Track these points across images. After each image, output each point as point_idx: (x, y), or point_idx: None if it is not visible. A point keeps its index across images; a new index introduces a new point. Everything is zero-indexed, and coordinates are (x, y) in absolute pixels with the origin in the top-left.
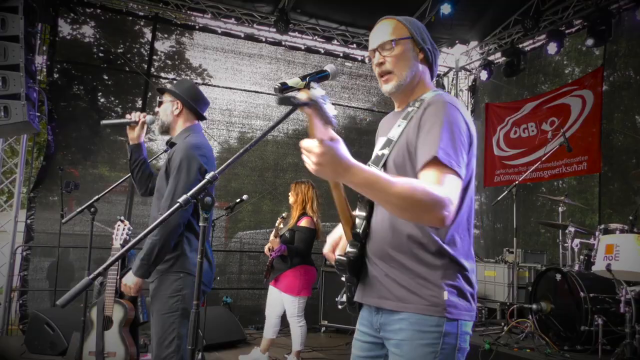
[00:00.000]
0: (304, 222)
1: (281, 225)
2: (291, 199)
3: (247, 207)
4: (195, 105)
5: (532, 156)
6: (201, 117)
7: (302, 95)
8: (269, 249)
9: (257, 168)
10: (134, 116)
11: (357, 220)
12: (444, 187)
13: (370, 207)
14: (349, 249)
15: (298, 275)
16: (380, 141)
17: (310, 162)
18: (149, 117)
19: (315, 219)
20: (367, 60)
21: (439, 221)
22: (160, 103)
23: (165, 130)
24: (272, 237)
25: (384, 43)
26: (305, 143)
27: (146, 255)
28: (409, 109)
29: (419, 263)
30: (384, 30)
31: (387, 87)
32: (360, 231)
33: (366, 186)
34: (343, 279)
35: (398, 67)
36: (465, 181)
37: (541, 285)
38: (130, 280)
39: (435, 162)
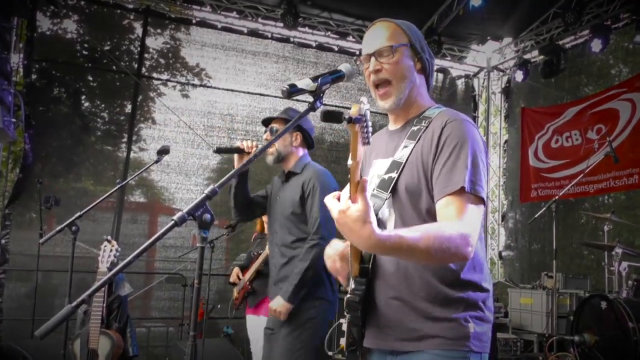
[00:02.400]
0: None
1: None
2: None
3: (252, 226)
4: (310, 135)
5: (576, 168)
6: (311, 147)
7: (353, 110)
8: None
9: (263, 181)
10: (246, 143)
11: (364, 253)
12: (466, 221)
13: None
14: (355, 286)
15: None
16: (380, 163)
17: (341, 228)
18: (268, 159)
19: None
20: (357, 64)
21: (462, 259)
22: (271, 130)
23: (280, 160)
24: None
25: (382, 49)
26: (340, 212)
27: (300, 281)
28: (414, 127)
29: (439, 298)
30: (380, 34)
31: (385, 104)
32: (370, 266)
33: (393, 252)
34: (343, 321)
35: (396, 77)
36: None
37: (584, 315)
38: (280, 304)
39: (460, 191)
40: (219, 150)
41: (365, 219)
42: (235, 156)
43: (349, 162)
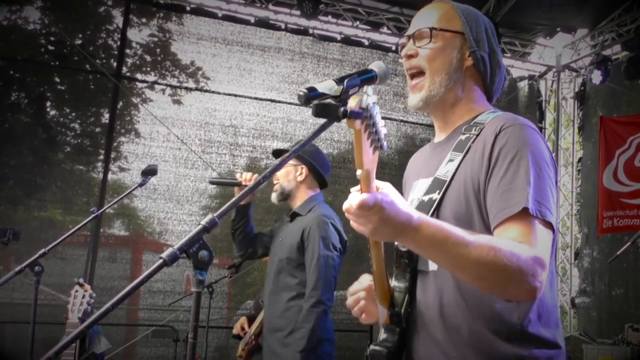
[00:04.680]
0: None
1: None
2: None
3: (260, 265)
4: (322, 171)
5: None
6: (324, 185)
7: (351, 103)
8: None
9: (273, 209)
10: (245, 177)
11: (396, 294)
12: (536, 248)
13: (412, 274)
14: (385, 336)
15: None
16: (420, 184)
17: (362, 227)
18: (272, 197)
19: None
20: (400, 48)
21: (527, 295)
22: None
23: (285, 197)
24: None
25: (422, 30)
26: (353, 205)
27: (308, 347)
28: (462, 136)
29: (494, 357)
30: (429, 14)
31: (412, 100)
32: (402, 311)
33: (432, 246)
34: None
35: (432, 67)
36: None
37: None
38: None
39: (522, 214)
40: (213, 182)
41: (370, 200)
42: (235, 189)
43: (358, 172)
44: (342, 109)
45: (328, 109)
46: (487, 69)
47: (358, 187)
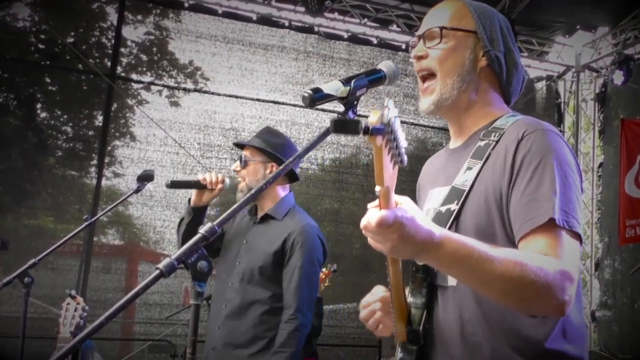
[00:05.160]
0: None
1: None
2: None
3: None
4: (293, 167)
5: None
6: (294, 179)
7: (372, 118)
8: None
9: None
10: (209, 177)
11: (413, 311)
12: (563, 260)
13: (429, 290)
14: (402, 355)
15: None
16: (437, 193)
17: (380, 245)
18: (227, 181)
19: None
20: (410, 48)
21: (556, 310)
22: (240, 159)
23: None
24: None
25: (432, 30)
26: (371, 222)
27: None
28: (480, 143)
29: None
30: (440, 13)
31: (423, 104)
32: (420, 328)
33: (455, 263)
34: None
35: (443, 69)
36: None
37: None
38: None
39: (548, 224)
40: (173, 185)
41: (390, 217)
42: (194, 192)
43: (377, 189)
44: (362, 125)
45: (348, 125)
46: (502, 70)
47: (375, 202)
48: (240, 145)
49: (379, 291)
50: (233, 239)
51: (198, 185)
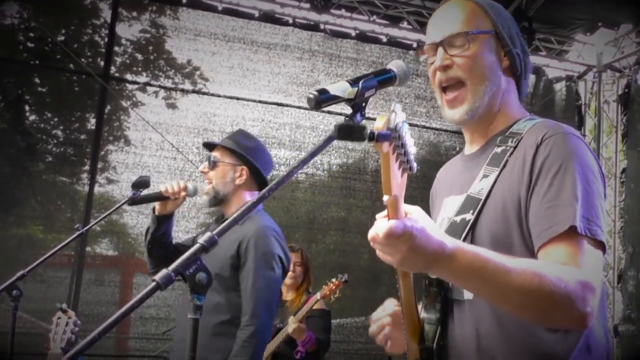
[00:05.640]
0: (318, 304)
1: (304, 298)
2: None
3: None
4: (264, 172)
5: None
6: (263, 187)
7: (378, 123)
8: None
9: (280, 225)
10: (170, 187)
11: (426, 326)
12: (584, 270)
13: (443, 305)
14: None
15: None
16: (451, 202)
17: (389, 257)
18: (190, 187)
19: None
20: (419, 56)
21: (577, 322)
22: (209, 160)
23: (218, 202)
24: (293, 321)
25: (454, 36)
26: (380, 234)
27: None
28: (497, 149)
29: None
30: (453, 15)
31: (454, 114)
32: (434, 345)
33: (469, 276)
34: None
35: (473, 77)
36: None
37: None
38: None
39: (569, 232)
40: (134, 202)
41: (399, 228)
42: (157, 205)
43: (384, 198)
44: (368, 131)
45: (353, 131)
46: (522, 68)
47: (384, 212)
48: (211, 146)
49: (390, 305)
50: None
51: (161, 198)
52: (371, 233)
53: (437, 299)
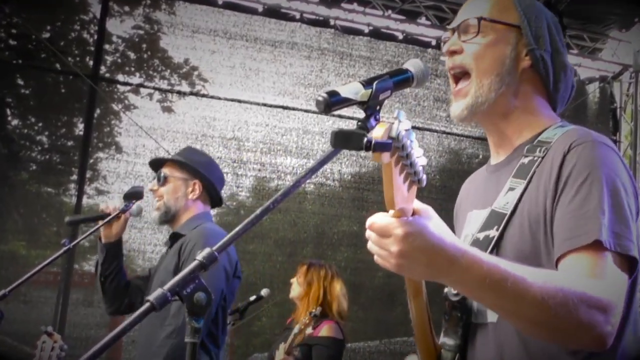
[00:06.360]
0: (326, 330)
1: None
2: (296, 291)
3: (270, 310)
4: (218, 187)
5: None
6: (217, 204)
7: (377, 132)
8: None
9: (286, 241)
10: (112, 207)
11: (444, 352)
12: (606, 285)
13: (465, 329)
14: None
15: None
16: (474, 216)
17: (385, 253)
18: (134, 207)
19: (344, 327)
20: (442, 44)
21: (596, 342)
22: (158, 177)
23: (169, 220)
24: (281, 350)
25: (469, 21)
26: (377, 222)
27: None
28: (524, 159)
29: None
30: (480, 3)
31: (454, 109)
32: None
33: (485, 288)
34: None
35: (480, 66)
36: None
37: None
38: None
39: (593, 246)
40: (71, 222)
41: (438, 225)
42: (102, 231)
43: (390, 213)
44: (365, 139)
45: (350, 139)
46: (549, 72)
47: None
48: (157, 164)
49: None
50: (154, 275)
51: (101, 217)
52: (368, 222)
53: (459, 323)
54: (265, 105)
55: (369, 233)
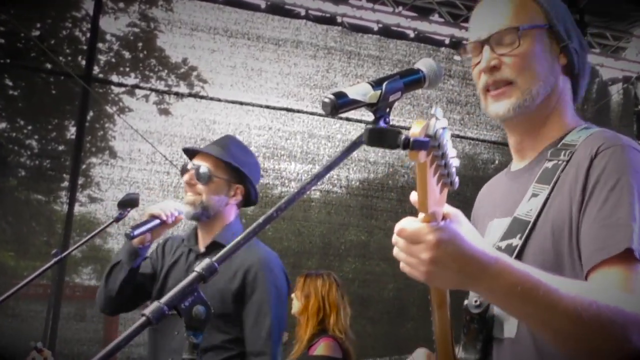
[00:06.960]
0: (322, 348)
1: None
2: (296, 306)
3: None
4: (256, 191)
5: None
6: (250, 204)
7: (415, 129)
8: None
9: (290, 251)
10: (167, 211)
11: None
12: (638, 298)
13: (485, 344)
14: None
15: None
16: (495, 225)
17: (414, 260)
18: (185, 210)
19: (344, 343)
20: (461, 56)
21: (627, 356)
22: (197, 172)
23: (202, 219)
24: None
25: (502, 32)
26: (408, 227)
27: None
28: (547, 164)
29: None
30: (500, 8)
31: (498, 108)
32: None
33: (516, 297)
34: None
35: (524, 77)
36: None
37: None
38: None
39: (625, 255)
40: (133, 236)
41: (432, 227)
42: (158, 230)
43: (420, 217)
44: (402, 137)
45: (385, 136)
46: (581, 67)
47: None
48: (193, 153)
49: (420, 356)
50: (170, 277)
51: (160, 223)
52: (397, 227)
53: (479, 337)
54: (268, 107)
55: (396, 239)
